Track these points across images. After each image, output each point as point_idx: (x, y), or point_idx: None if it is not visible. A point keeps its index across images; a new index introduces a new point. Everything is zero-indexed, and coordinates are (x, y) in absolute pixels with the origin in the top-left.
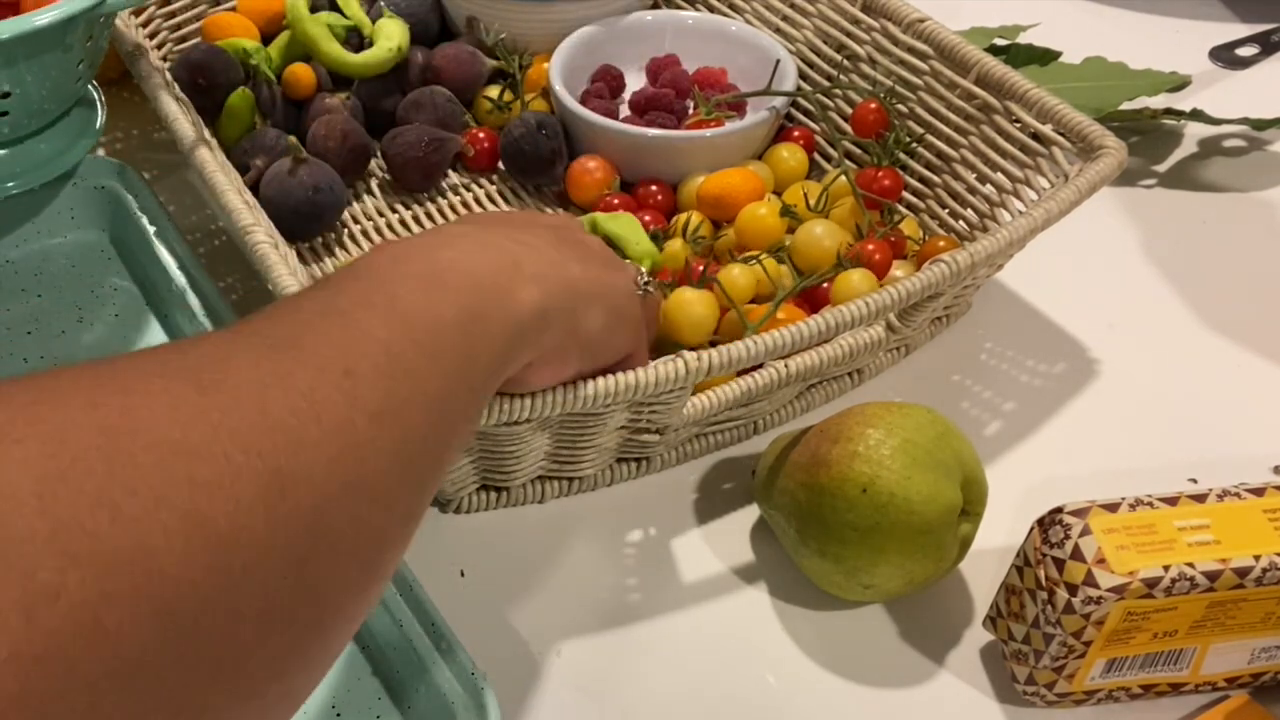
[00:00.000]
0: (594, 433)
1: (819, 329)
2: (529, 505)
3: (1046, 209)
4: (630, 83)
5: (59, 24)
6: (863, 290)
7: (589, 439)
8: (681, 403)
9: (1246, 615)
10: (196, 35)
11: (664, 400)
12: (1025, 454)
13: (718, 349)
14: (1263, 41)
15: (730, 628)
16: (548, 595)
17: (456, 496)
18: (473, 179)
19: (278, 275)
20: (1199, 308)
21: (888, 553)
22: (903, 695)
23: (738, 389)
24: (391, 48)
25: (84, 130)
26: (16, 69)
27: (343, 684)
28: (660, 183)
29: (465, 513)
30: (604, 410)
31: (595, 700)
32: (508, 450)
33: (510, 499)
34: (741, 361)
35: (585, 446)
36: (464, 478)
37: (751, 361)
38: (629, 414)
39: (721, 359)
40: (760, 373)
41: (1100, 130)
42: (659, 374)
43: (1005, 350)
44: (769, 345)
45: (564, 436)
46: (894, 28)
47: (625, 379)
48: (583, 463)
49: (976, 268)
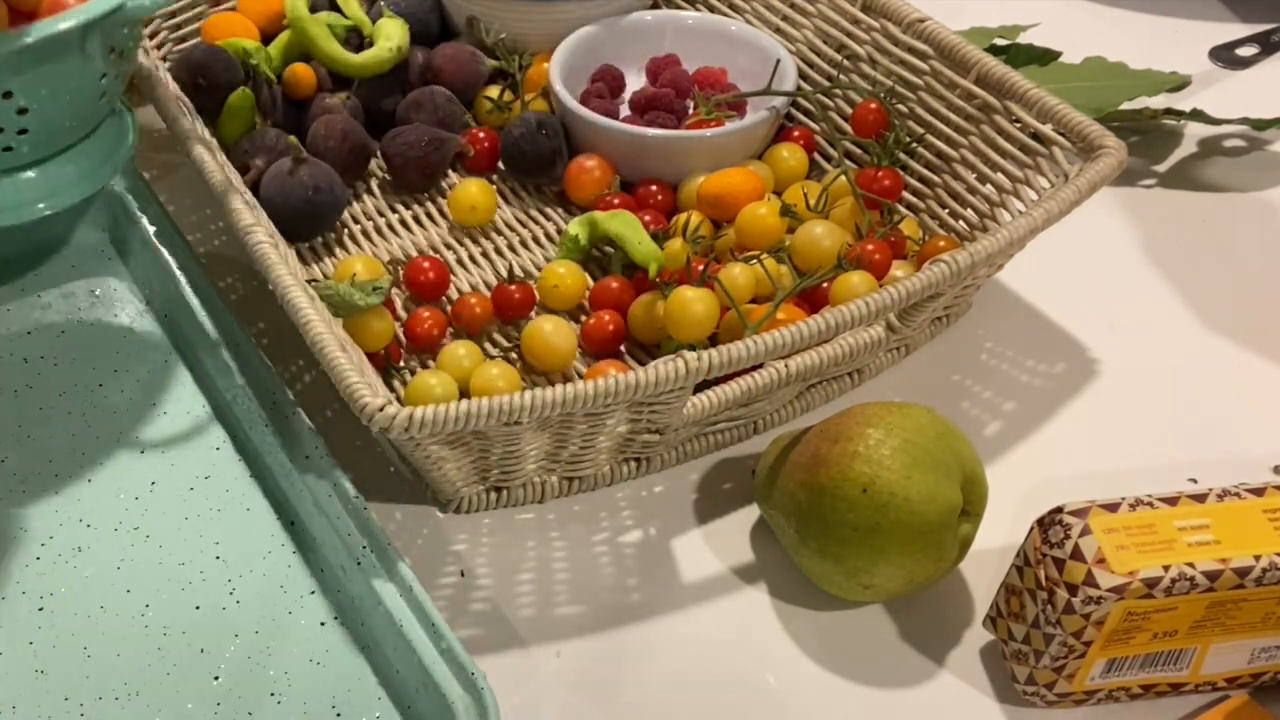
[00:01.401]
0: (594, 433)
1: (819, 329)
2: (529, 505)
3: (1047, 209)
4: (630, 83)
5: (74, 31)
6: (862, 292)
7: (589, 439)
8: (681, 403)
9: (1246, 615)
10: (196, 35)
11: (664, 400)
12: (1025, 454)
13: (718, 349)
14: (1263, 41)
15: (730, 628)
16: (548, 595)
17: (456, 496)
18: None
19: (278, 275)
20: (1199, 308)
21: (888, 553)
22: (903, 695)
23: (738, 389)
24: (391, 47)
25: (114, 149)
26: (31, 80)
27: (343, 684)
28: (660, 182)
29: (465, 513)
30: (603, 410)
31: (595, 700)
32: (507, 450)
33: (510, 499)
34: (742, 361)
35: (585, 446)
36: (464, 478)
37: (752, 361)
38: (629, 414)
39: (721, 359)
40: (760, 372)
41: (1100, 130)
42: (659, 374)
43: (1005, 350)
44: (769, 345)
45: (563, 436)
46: (894, 28)
47: (625, 379)
48: (583, 463)
49: (977, 268)
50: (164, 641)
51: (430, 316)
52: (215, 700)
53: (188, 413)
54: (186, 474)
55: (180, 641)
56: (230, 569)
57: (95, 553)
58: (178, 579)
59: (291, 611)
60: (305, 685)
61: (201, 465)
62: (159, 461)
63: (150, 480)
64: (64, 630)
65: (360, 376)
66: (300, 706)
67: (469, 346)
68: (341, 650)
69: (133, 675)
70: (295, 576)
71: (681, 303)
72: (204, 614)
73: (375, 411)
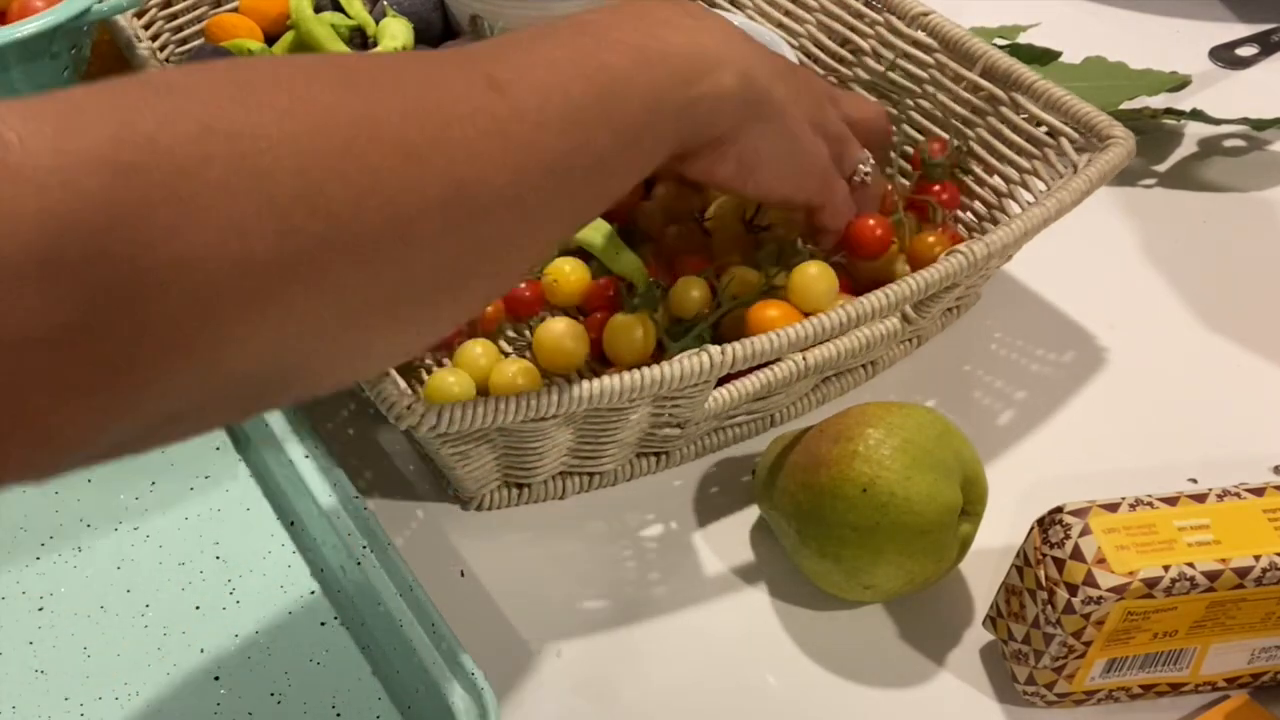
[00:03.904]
0: (616, 428)
1: (838, 322)
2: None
3: (1059, 199)
4: None
5: (44, 34)
6: (821, 281)
7: (611, 434)
8: (704, 396)
9: (1246, 615)
10: (198, 36)
11: (687, 394)
12: (1025, 453)
13: (740, 342)
14: (1263, 41)
15: (730, 628)
16: (547, 595)
17: (478, 494)
18: None
19: None
20: (1199, 308)
21: (888, 553)
22: (903, 695)
23: (758, 382)
24: (395, 47)
25: None
26: (9, 77)
27: (343, 684)
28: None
29: (487, 510)
30: (628, 405)
31: (595, 700)
32: (531, 446)
33: (531, 495)
34: (764, 354)
35: (607, 441)
36: (486, 475)
37: (774, 355)
38: (652, 408)
39: (745, 351)
40: (779, 365)
41: (1108, 120)
42: (683, 368)
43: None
44: (790, 338)
45: (587, 431)
46: (898, 21)
47: (651, 374)
48: (603, 458)
49: (992, 258)
50: (164, 641)
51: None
52: (215, 700)
53: None
54: (186, 474)
55: (180, 641)
56: (230, 569)
57: (95, 553)
58: (178, 579)
59: (291, 611)
60: (305, 685)
61: (201, 465)
62: (159, 461)
63: (150, 480)
64: (64, 630)
65: (386, 375)
66: (300, 706)
67: (485, 345)
68: (341, 650)
69: (133, 675)
70: (295, 576)
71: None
72: (204, 614)
73: (404, 410)
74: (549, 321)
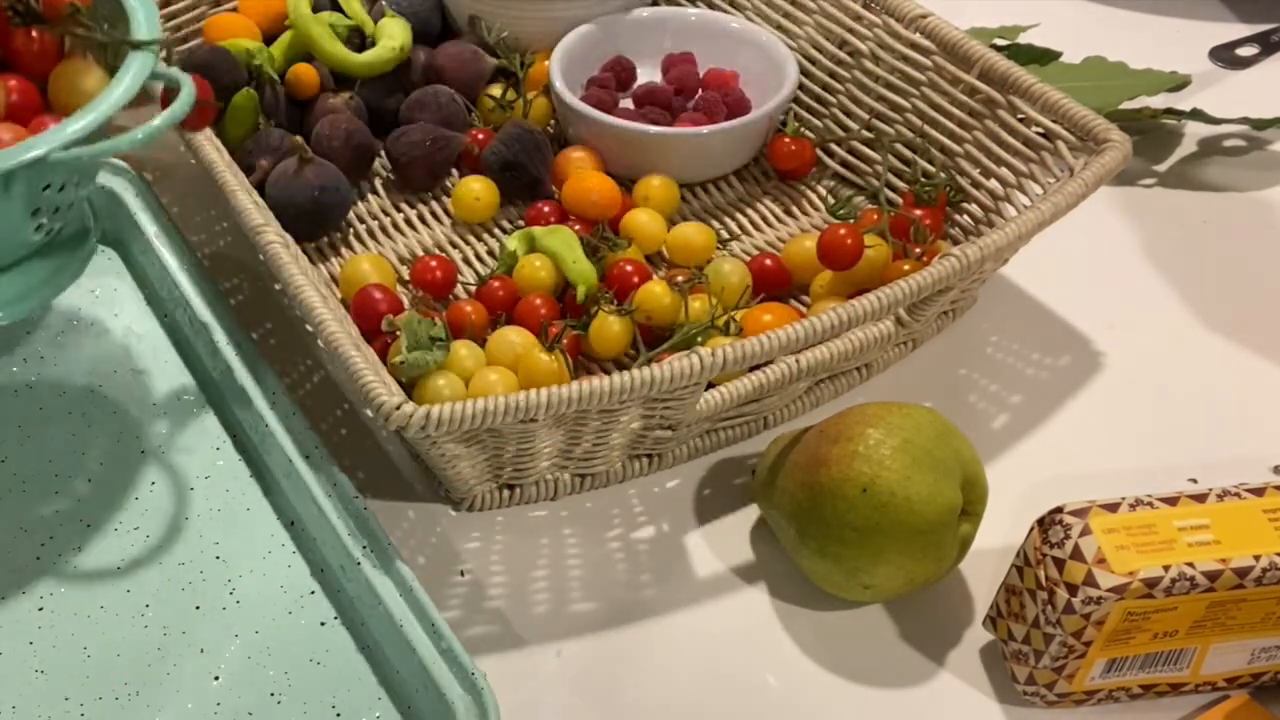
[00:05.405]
0: (607, 429)
1: (831, 324)
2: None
3: (1054, 202)
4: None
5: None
6: (734, 275)
7: (602, 436)
8: (695, 398)
9: (1246, 615)
10: (196, 36)
11: (678, 396)
12: (1025, 454)
13: (731, 344)
14: (1263, 41)
15: (730, 628)
16: (547, 595)
17: (470, 495)
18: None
19: (289, 275)
20: (1199, 308)
21: (888, 553)
22: (903, 695)
23: (750, 384)
24: (394, 47)
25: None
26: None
27: (343, 684)
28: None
29: (478, 510)
30: (618, 406)
31: (595, 700)
32: (521, 448)
33: (523, 496)
34: (756, 357)
35: (599, 443)
36: (478, 476)
37: (765, 357)
38: (643, 410)
39: (736, 354)
40: (772, 367)
41: (1105, 124)
42: (674, 370)
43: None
44: (782, 340)
45: (577, 433)
46: (896, 24)
47: (640, 376)
48: (595, 459)
49: (986, 261)
50: (164, 641)
51: (437, 315)
52: (215, 700)
53: (188, 413)
54: (186, 474)
55: (180, 641)
56: (230, 569)
57: (95, 553)
58: (178, 579)
59: (291, 611)
60: (305, 685)
61: (201, 465)
62: (159, 461)
63: (150, 480)
64: (64, 630)
65: (376, 375)
66: (300, 706)
67: (470, 347)
68: (341, 650)
69: (133, 675)
70: (295, 576)
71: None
72: (204, 614)
73: (393, 410)
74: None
